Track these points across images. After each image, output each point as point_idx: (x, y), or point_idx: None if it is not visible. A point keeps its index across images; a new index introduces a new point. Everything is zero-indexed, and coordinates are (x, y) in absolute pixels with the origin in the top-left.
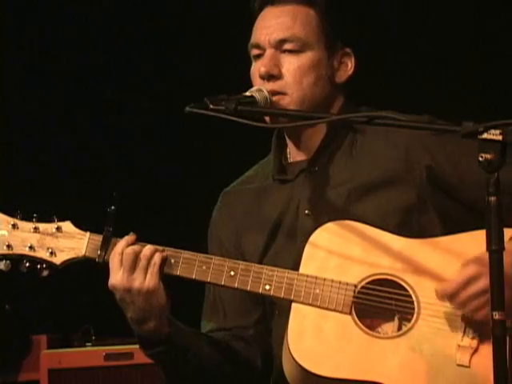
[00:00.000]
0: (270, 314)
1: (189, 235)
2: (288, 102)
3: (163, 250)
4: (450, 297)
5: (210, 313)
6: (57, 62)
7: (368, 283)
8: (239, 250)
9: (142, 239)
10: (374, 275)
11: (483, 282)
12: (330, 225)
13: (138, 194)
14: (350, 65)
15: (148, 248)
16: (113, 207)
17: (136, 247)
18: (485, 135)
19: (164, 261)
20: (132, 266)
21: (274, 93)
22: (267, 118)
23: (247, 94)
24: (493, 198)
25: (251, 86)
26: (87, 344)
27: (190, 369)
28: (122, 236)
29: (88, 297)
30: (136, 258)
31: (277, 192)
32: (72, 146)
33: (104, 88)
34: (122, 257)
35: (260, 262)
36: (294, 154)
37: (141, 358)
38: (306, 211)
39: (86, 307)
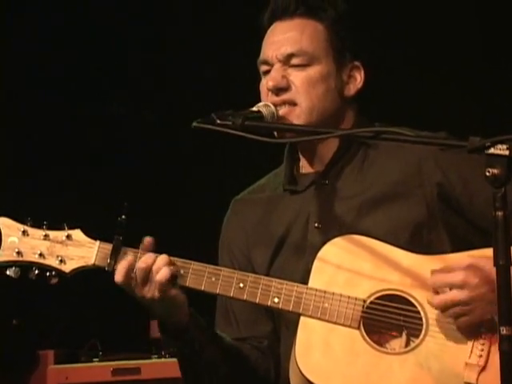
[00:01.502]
0: (278, 327)
1: (199, 245)
2: (298, 113)
3: (173, 261)
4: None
5: (223, 323)
6: (57, 72)
7: (377, 298)
8: (250, 262)
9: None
10: (382, 290)
11: (466, 294)
12: (339, 239)
13: (148, 204)
14: (359, 78)
15: (161, 259)
16: (123, 216)
17: (149, 259)
18: (492, 150)
19: (174, 271)
20: (145, 279)
21: (283, 104)
22: (275, 133)
23: (254, 109)
24: (500, 213)
25: (259, 101)
26: (94, 359)
27: (203, 366)
28: (131, 245)
29: (95, 311)
30: (149, 270)
31: (286, 203)
32: (82, 156)
33: (106, 100)
34: (129, 271)
35: (267, 275)
36: (306, 166)
37: (148, 373)
38: (316, 224)
39: (93, 322)
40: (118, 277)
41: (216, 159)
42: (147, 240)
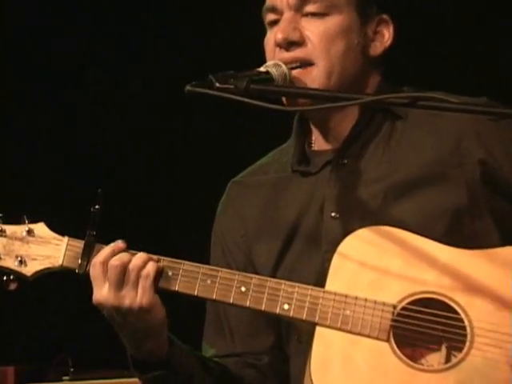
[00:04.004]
0: (287, 340)
1: (190, 241)
2: (315, 74)
3: (158, 260)
4: None
5: (214, 334)
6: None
7: (409, 303)
8: (249, 260)
9: (131, 247)
10: (416, 294)
11: None
12: (362, 231)
13: (127, 189)
14: (387, 35)
15: (139, 257)
16: (97, 206)
17: (124, 256)
18: None
19: (159, 272)
20: (120, 281)
21: (294, 62)
22: (284, 100)
23: (262, 69)
24: None
25: (264, 62)
26: (64, 378)
27: None
28: (108, 242)
29: (64, 319)
30: (124, 270)
31: (296, 187)
32: (46, 125)
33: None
34: (106, 268)
35: (273, 275)
36: (320, 143)
37: None
38: (333, 213)
39: (62, 332)
40: (94, 267)
41: (211, 132)
42: (118, 245)
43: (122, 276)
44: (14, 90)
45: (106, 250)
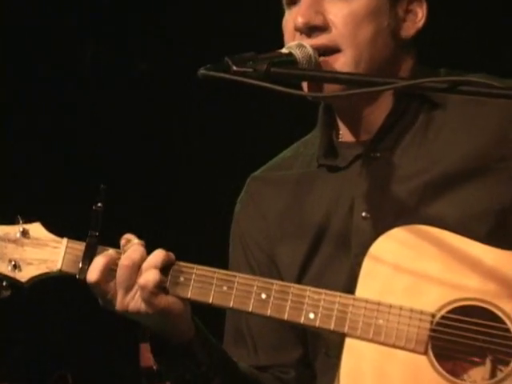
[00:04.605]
0: (314, 353)
1: (202, 243)
2: (342, 62)
3: (171, 259)
4: None
5: (234, 345)
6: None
7: (450, 312)
8: (273, 262)
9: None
10: (457, 301)
11: None
12: (396, 231)
13: (133, 185)
14: (420, 14)
15: (156, 255)
16: (99, 204)
17: (134, 254)
18: None
19: (162, 281)
20: (127, 285)
21: (319, 50)
22: (305, 86)
23: (284, 50)
24: None
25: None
26: None
27: None
28: (111, 244)
29: (64, 332)
30: (134, 273)
31: (322, 183)
32: (44, 128)
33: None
34: (108, 269)
35: (299, 280)
36: (348, 135)
37: None
38: (364, 213)
39: (62, 346)
40: (93, 275)
41: (227, 121)
42: (126, 238)
43: (131, 276)
44: (11, 86)
45: (109, 254)
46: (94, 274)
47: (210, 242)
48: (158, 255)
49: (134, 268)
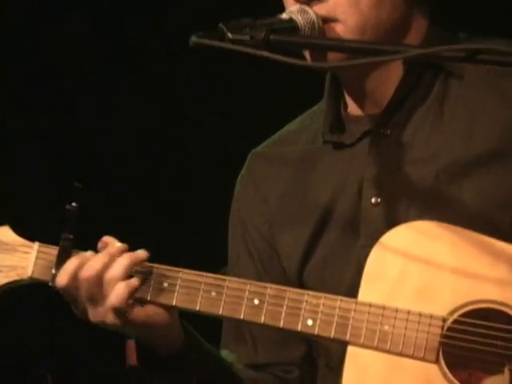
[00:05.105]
0: (314, 365)
1: (191, 240)
2: (345, 31)
3: (149, 269)
4: None
5: (233, 342)
6: None
7: (463, 315)
8: (273, 249)
9: None
10: (472, 303)
11: None
12: (406, 226)
13: (113, 179)
14: None
15: (121, 262)
16: (74, 204)
17: (97, 264)
18: None
19: (135, 289)
20: (92, 298)
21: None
22: (308, 55)
23: (284, 16)
24: None
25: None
26: None
27: None
28: (88, 247)
29: (43, 329)
30: (97, 285)
31: (328, 162)
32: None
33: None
34: (78, 283)
35: (300, 272)
36: (355, 108)
37: None
38: (373, 199)
39: (42, 344)
40: (62, 279)
41: (223, 94)
42: (104, 242)
43: (94, 289)
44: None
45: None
46: (63, 277)
47: (202, 238)
48: (120, 263)
49: (97, 280)
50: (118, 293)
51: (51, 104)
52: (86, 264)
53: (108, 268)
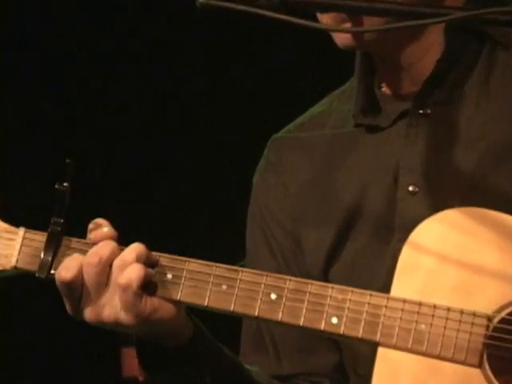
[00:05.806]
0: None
1: (199, 229)
2: None
3: (156, 260)
4: None
5: (254, 351)
6: None
7: (510, 314)
8: (297, 244)
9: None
10: None
11: None
12: (445, 213)
13: (108, 159)
14: None
15: (131, 250)
16: (65, 183)
17: (104, 250)
18: None
19: (148, 279)
20: (98, 287)
21: None
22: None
23: None
24: None
25: None
26: None
27: None
28: (80, 234)
29: (32, 335)
30: (104, 272)
31: (360, 147)
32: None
33: None
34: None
35: (326, 269)
36: (390, 86)
37: None
38: (411, 187)
39: (30, 352)
40: (67, 273)
41: (237, 67)
42: (96, 223)
43: (101, 277)
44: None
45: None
46: (70, 271)
47: (214, 227)
48: (138, 248)
49: (104, 266)
50: (135, 275)
51: (38, 93)
52: (90, 251)
53: (116, 254)
